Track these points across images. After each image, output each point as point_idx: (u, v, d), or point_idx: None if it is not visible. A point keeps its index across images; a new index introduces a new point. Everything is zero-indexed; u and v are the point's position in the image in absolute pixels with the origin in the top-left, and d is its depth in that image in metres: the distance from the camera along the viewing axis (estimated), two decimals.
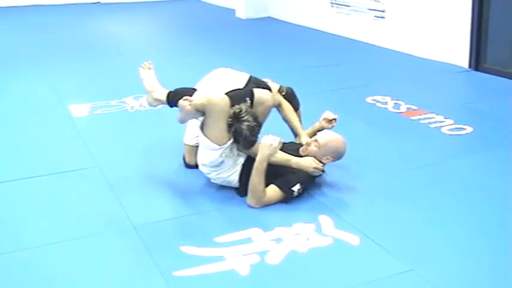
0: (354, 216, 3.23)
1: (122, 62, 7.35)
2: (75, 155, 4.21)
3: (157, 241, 3.05)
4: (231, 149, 3.42)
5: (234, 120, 3.35)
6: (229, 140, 3.37)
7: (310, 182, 3.49)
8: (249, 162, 3.43)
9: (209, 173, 3.51)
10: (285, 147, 3.52)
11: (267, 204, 3.34)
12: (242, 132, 3.33)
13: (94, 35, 9.19)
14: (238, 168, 3.46)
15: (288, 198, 3.37)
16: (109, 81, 6.37)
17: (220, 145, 3.35)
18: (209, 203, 3.44)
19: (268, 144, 3.27)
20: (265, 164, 3.29)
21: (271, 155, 3.30)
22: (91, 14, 11.46)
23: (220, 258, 2.84)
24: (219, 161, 3.41)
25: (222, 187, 3.57)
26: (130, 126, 4.83)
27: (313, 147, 3.50)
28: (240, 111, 3.35)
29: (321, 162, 3.48)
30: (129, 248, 2.99)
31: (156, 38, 9.20)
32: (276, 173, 3.37)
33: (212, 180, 3.55)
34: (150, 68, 3.92)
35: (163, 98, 3.66)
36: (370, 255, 2.87)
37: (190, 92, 3.54)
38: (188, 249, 2.93)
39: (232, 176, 3.48)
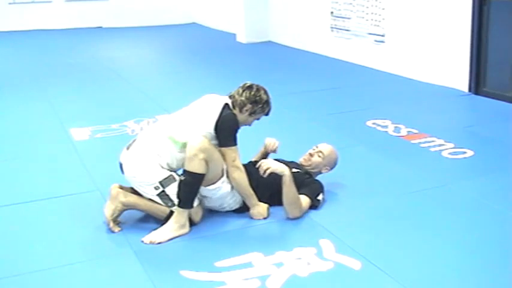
0: (355, 240, 3.22)
1: (123, 86, 7.39)
2: (76, 179, 4.21)
3: (157, 265, 3.03)
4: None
5: None
6: (222, 165, 3.41)
7: (323, 189, 3.69)
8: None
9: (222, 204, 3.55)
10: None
11: (304, 212, 3.49)
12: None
13: (96, 59, 9.25)
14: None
15: (315, 207, 3.56)
16: (110, 105, 6.39)
17: (221, 176, 3.41)
18: (209, 227, 3.43)
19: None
20: (291, 177, 3.42)
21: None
22: (93, 38, 11.56)
23: (220, 283, 2.83)
24: (229, 188, 3.47)
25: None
26: None
27: (317, 158, 3.76)
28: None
29: (320, 172, 3.81)
30: (129, 272, 2.98)
31: (158, 62, 9.26)
32: (298, 184, 3.51)
33: (226, 210, 3.57)
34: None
35: (178, 210, 3.34)
36: (372, 280, 2.85)
37: (183, 185, 3.31)
38: (188, 274, 2.91)
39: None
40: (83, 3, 12.89)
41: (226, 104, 3.51)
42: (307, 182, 3.62)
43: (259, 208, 3.48)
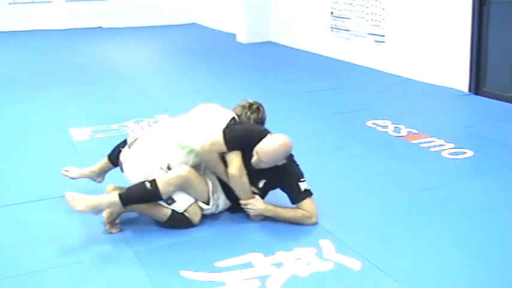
0: (355, 240, 3.21)
1: (122, 86, 7.39)
2: (76, 179, 4.20)
3: (158, 266, 3.03)
4: (216, 190, 3.49)
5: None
6: (208, 186, 3.45)
7: (295, 165, 3.48)
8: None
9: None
10: None
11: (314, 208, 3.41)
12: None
13: (95, 59, 9.25)
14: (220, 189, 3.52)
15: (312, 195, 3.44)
16: (110, 105, 6.39)
17: (209, 199, 3.44)
18: (209, 227, 3.43)
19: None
20: (271, 207, 3.42)
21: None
22: (93, 38, 11.56)
23: (220, 283, 2.83)
24: (217, 204, 3.50)
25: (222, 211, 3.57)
26: None
27: (263, 165, 3.36)
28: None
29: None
30: (129, 273, 2.98)
31: (157, 62, 9.26)
32: (277, 186, 3.48)
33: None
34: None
35: (116, 200, 3.30)
36: (372, 280, 2.85)
37: (143, 190, 3.30)
38: (188, 274, 2.91)
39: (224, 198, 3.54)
40: (83, 3, 12.89)
41: (233, 118, 3.58)
42: (284, 184, 3.46)
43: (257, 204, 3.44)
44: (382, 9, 7.67)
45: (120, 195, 3.30)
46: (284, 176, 3.44)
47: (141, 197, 3.33)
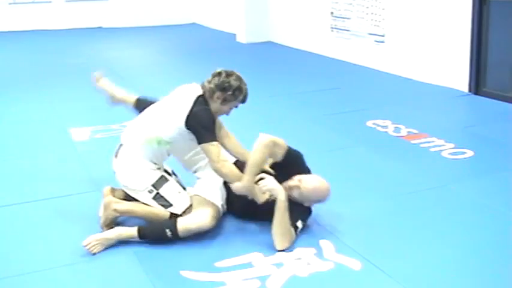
0: (355, 240, 3.22)
1: (123, 86, 7.36)
2: (76, 179, 4.21)
3: (157, 265, 3.03)
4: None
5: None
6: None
7: (308, 215, 3.38)
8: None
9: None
10: None
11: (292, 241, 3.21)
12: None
13: (95, 59, 9.24)
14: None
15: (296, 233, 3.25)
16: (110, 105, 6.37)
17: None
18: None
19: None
20: (286, 204, 3.19)
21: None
22: (93, 38, 11.56)
23: (220, 283, 2.83)
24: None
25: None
26: None
27: (295, 195, 3.28)
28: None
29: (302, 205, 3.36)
30: (128, 272, 2.98)
31: (158, 62, 9.26)
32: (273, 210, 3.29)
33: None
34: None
35: (135, 234, 3.26)
36: (372, 280, 2.85)
37: (163, 236, 3.24)
38: (188, 274, 2.91)
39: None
40: (83, 3, 12.90)
41: (199, 97, 3.37)
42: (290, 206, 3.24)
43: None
44: (382, 9, 7.67)
45: (139, 231, 3.23)
46: (295, 206, 3.27)
47: (160, 240, 3.24)
